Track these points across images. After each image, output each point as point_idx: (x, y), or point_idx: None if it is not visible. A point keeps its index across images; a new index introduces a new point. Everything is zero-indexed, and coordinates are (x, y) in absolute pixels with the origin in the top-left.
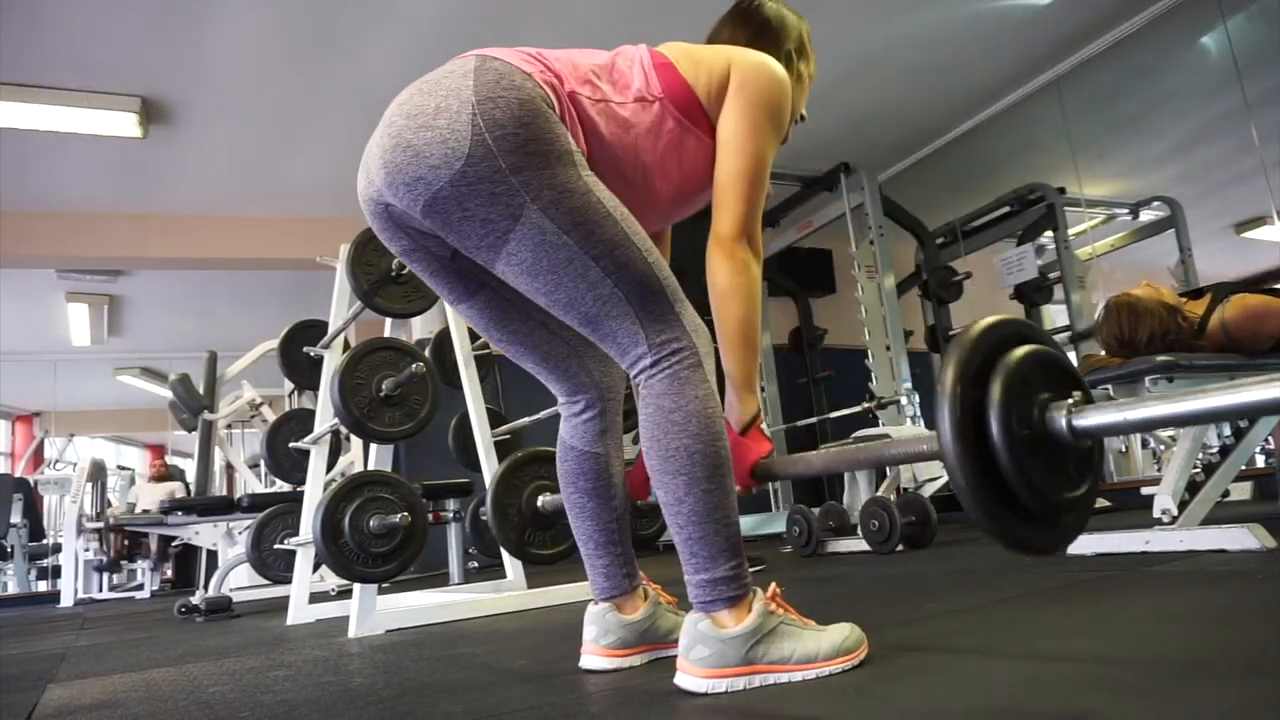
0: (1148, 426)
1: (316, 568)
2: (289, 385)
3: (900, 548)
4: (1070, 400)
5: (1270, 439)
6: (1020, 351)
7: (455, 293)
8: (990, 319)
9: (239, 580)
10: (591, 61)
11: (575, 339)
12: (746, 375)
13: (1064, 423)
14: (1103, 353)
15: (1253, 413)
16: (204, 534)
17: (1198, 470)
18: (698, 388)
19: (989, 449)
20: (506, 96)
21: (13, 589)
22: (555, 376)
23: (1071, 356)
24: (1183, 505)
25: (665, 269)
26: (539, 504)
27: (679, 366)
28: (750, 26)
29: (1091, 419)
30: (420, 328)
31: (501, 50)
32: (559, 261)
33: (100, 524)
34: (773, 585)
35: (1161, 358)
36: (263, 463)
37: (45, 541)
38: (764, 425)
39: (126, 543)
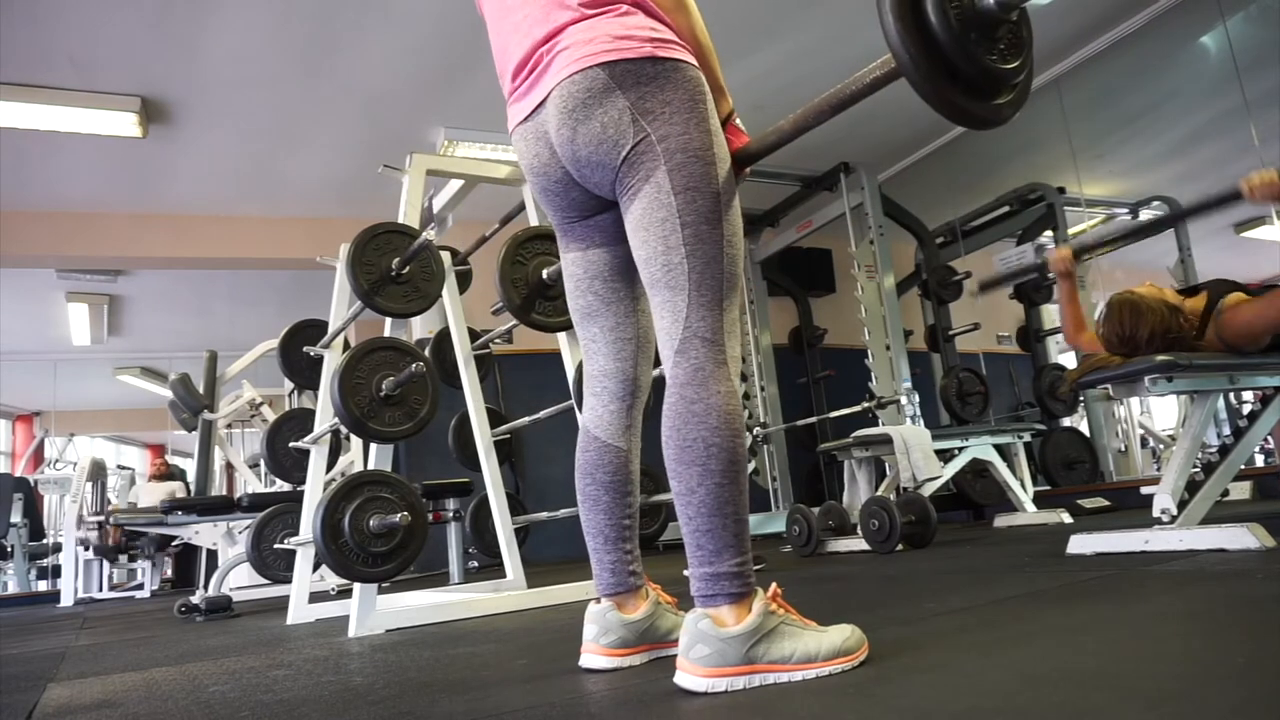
0: None
1: (316, 567)
2: (289, 385)
3: (900, 548)
4: None
5: (1270, 438)
6: None
7: (605, 235)
8: None
9: (239, 580)
10: None
11: (645, 333)
12: (713, 78)
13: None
14: (1103, 351)
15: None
16: (204, 534)
17: (1197, 470)
18: (721, 384)
19: (928, 30)
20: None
21: (13, 589)
22: (608, 351)
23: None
24: (1182, 505)
25: (737, 266)
26: (544, 274)
27: (705, 358)
28: None
29: None
30: (420, 328)
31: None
32: (659, 219)
33: (100, 516)
34: (773, 585)
35: (1161, 357)
36: (263, 462)
37: (45, 541)
38: (738, 120)
39: (125, 538)
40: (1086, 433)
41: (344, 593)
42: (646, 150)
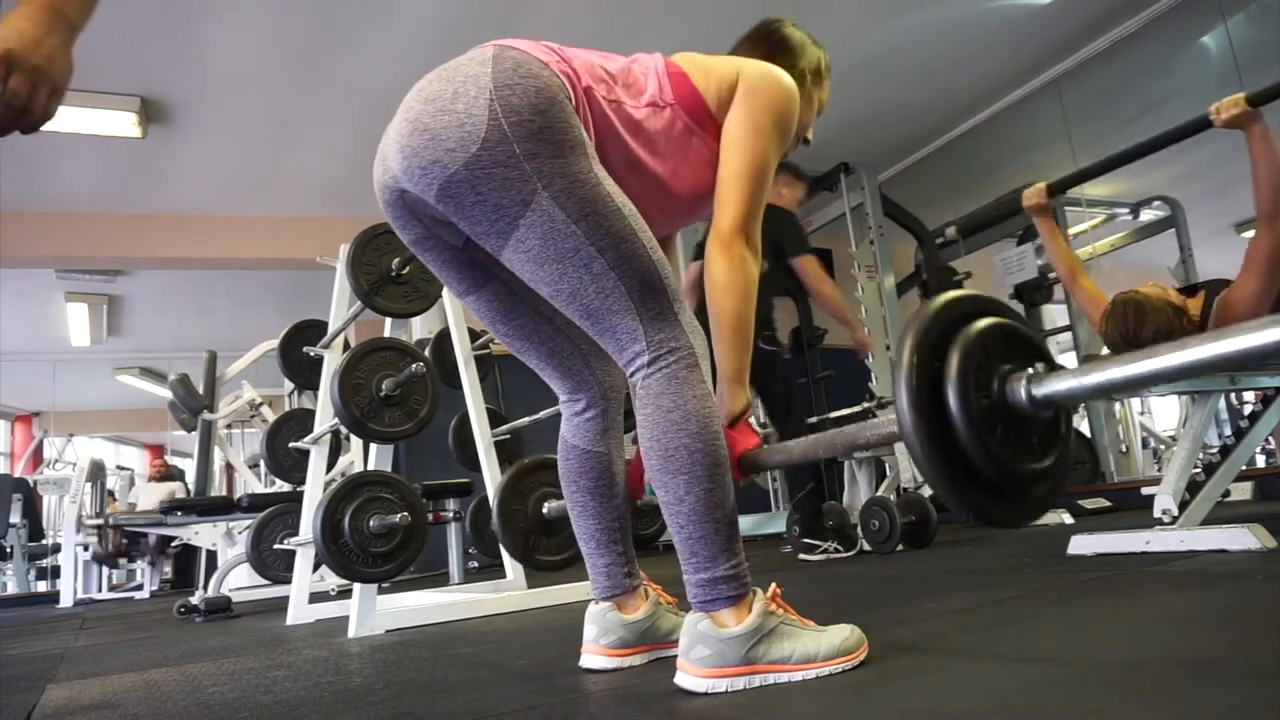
0: (1105, 391)
1: (316, 568)
2: (289, 385)
3: (900, 548)
4: (1029, 370)
5: (1271, 438)
6: (980, 324)
7: (465, 283)
8: (951, 293)
9: (238, 580)
10: (607, 64)
11: (580, 337)
12: (738, 369)
13: (1023, 392)
14: (1104, 351)
15: (1201, 370)
16: (204, 534)
17: (1198, 470)
18: (695, 388)
19: (947, 421)
20: (524, 84)
21: (12, 589)
22: (558, 374)
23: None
24: (1183, 505)
25: (667, 268)
26: (544, 510)
27: (676, 366)
28: (768, 43)
29: (1049, 386)
30: (420, 328)
31: (520, 41)
32: (565, 251)
33: (100, 520)
34: (773, 585)
35: None
36: (263, 463)
37: (44, 541)
38: (752, 419)
39: (125, 541)
40: (1087, 433)
41: (344, 593)
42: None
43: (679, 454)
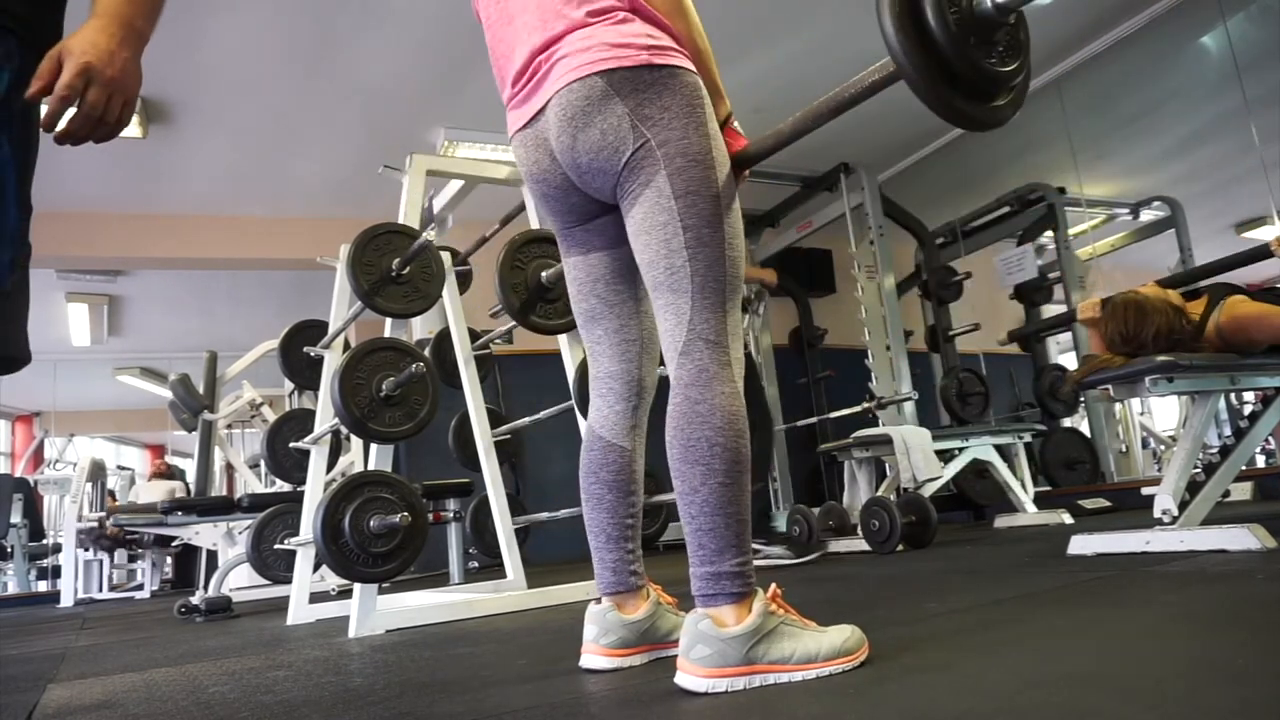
0: None
1: (316, 568)
2: (289, 385)
3: (900, 548)
4: None
5: (1271, 438)
6: None
7: (605, 239)
8: None
9: (239, 580)
10: None
11: (649, 334)
12: (711, 81)
13: (989, 2)
14: (1105, 351)
15: None
16: (204, 534)
17: (1198, 470)
18: (725, 385)
19: (927, 34)
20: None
21: (13, 589)
22: (614, 353)
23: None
24: (1183, 505)
25: (738, 269)
26: (543, 277)
27: (709, 359)
28: None
29: None
30: (420, 328)
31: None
32: (660, 222)
33: (102, 513)
34: (773, 585)
35: (1161, 357)
36: (263, 463)
37: (45, 541)
38: (736, 124)
39: (122, 529)
40: (1087, 433)
41: (344, 593)
42: (646, 156)
43: (700, 445)
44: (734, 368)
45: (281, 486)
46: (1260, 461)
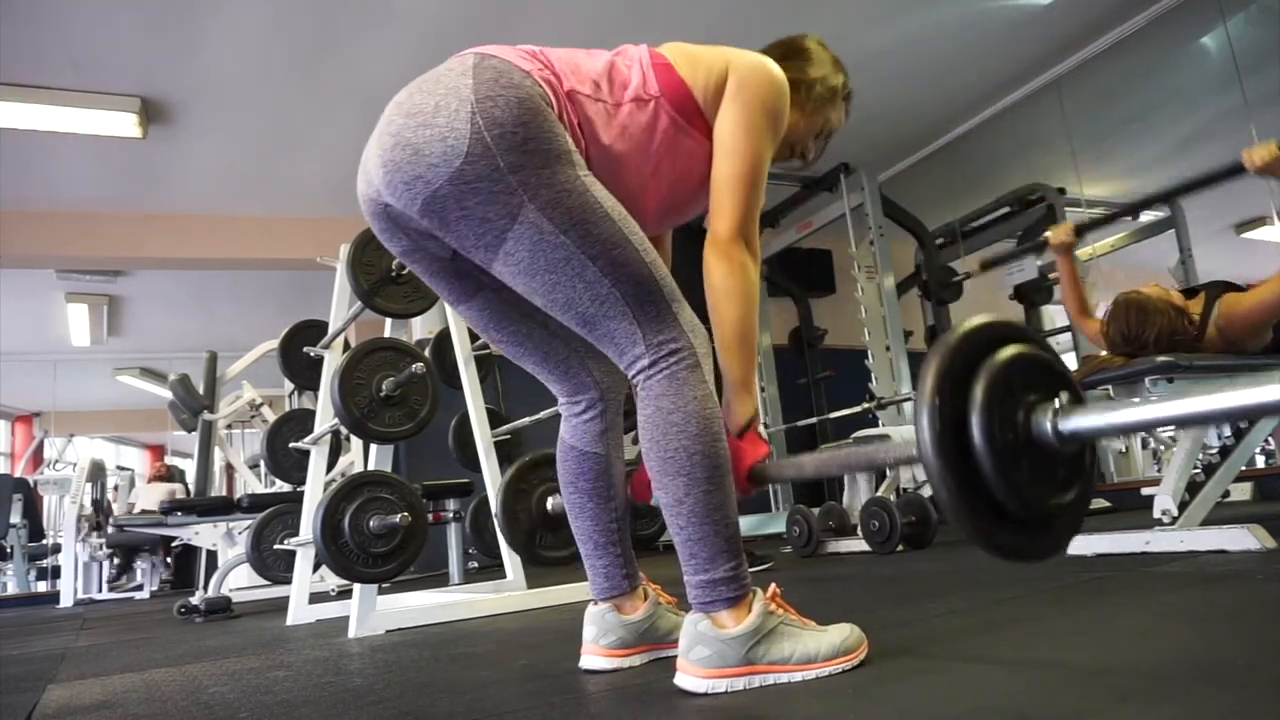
0: (1134, 429)
1: (316, 568)
2: (289, 385)
3: (900, 548)
4: (1055, 403)
5: (1271, 439)
6: (1005, 353)
7: (455, 294)
8: (976, 320)
9: (239, 580)
10: (591, 63)
11: (575, 339)
12: (744, 377)
13: (1049, 426)
14: (1105, 352)
15: (1236, 416)
16: (204, 534)
17: (1198, 471)
18: (696, 388)
19: (972, 457)
20: (505, 95)
21: (12, 589)
22: (556, 377)
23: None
24: (1183, 506)
25: (663, 269)
26: (548, 506)
27: (677, 367)
28: (785, 47)
29: (1076, 422)
30: (420, 328)
31: (500, 48)
32: (556, 261)
33: (100, 516)
34: (772, 585)
35: (1162, 358)
36: (263, 463)
37: (45, 542)
38: (761, 428)
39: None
40: None
41: (344, 593)
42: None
43: (678, 455)
44: (704, 364)
45: (281, 487)
46: (1260, 461)
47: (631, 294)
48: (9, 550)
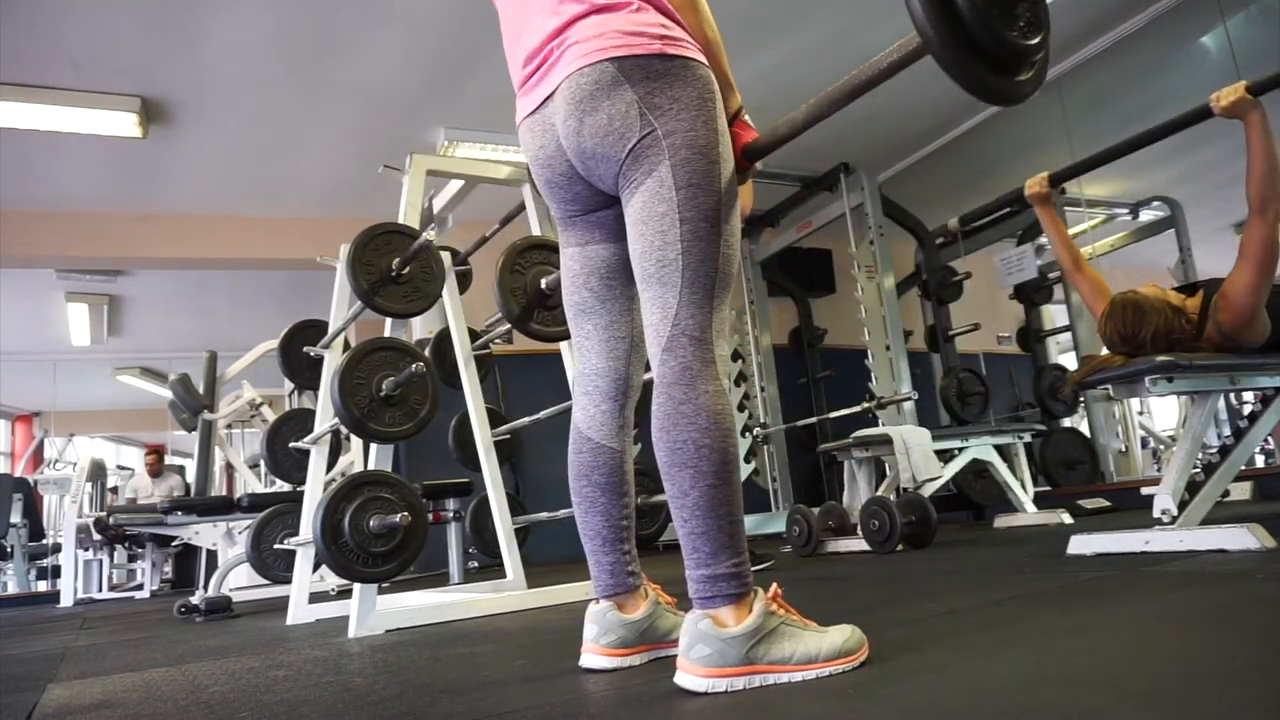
0: None
1: (316, 568)
2: (289, 385)
3: (900, 548)
4: None
5: (1270, 438)
6: None
7: (606, 232)
8: None
9: (238, 580)
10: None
11: (639, 333)
12: (722, 74)
13: None
14: (1104, 351)
15: None
16: (204, 534)
17: (1198, 470)
18: (709, 383)
19: (952, 3)
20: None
21: (12, 589)
22: (602, 350)
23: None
24: (1182, 505)
25: (731, 266)
26: (542, 284)
27: (692, 356)
28: None
29: None
30: (420, 328)
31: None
32: (659, 212)
33: (101, 511)
34: (773, 585)
35: (1161, 358)
36: (263, 463)
37: (45, 541)
38: (747, 116)
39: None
40: (1087, 433)
41: (344, 593)
42: (652, 145)
43: (686, 447)
44: (718, 365)
45: (281, 486)
46: (1260, 461)
47: (689, 268)
48: (9, 550)
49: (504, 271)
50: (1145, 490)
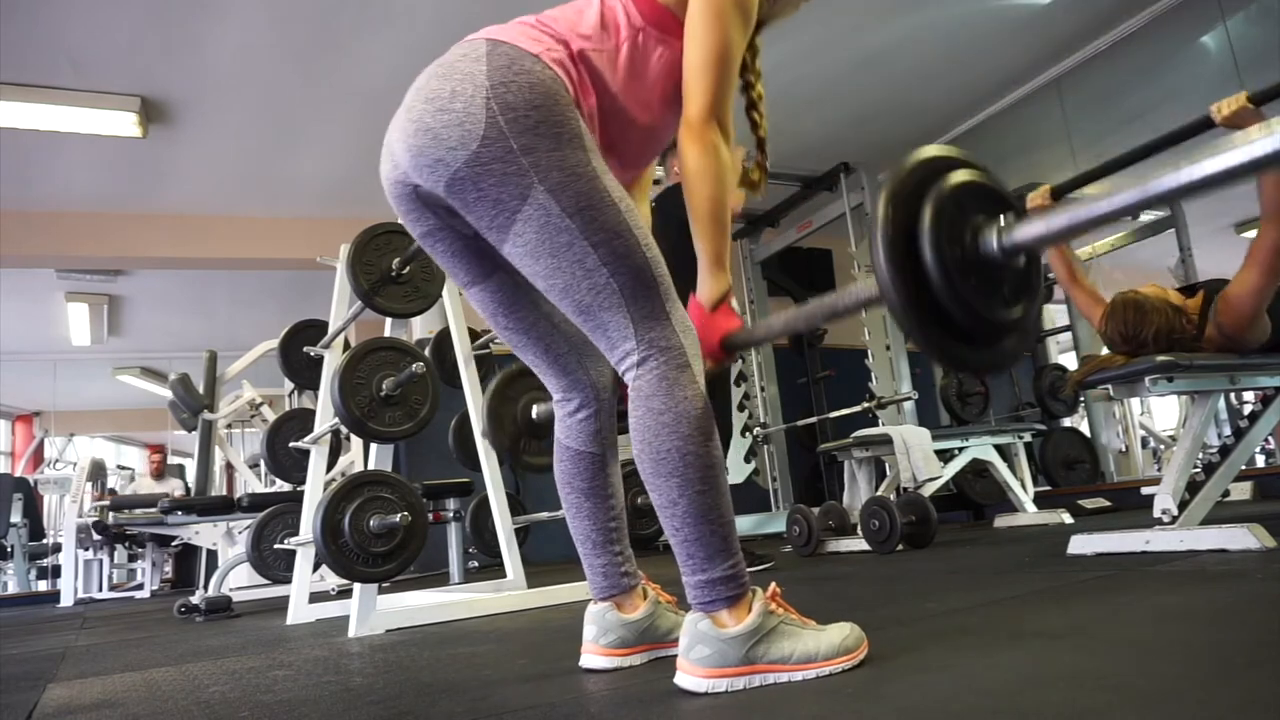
0: (1072, 232)
1: (316, 567)
2: (289, 385)
3: (900, 548)
4: (1000, 221)
5: (1271, 438)
6: (954, 177)
7: (472, 273)
8: (926, 149)
9: (239, 580)
10: (587, 14)
11: (576, 336)
12: (716, 253)
13: (994, 242)
14: (1105, 351)
15: (1172, 196)
16: (204, 534)
17: (1198, 470)
18: (686, 388)
19: (922, 271)
20: (518, 80)
21: (13, 589)
22: (553, 371)
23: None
24: (1183, 505)
25: (661, 266)
26: (533, 414)
27: (667, 366)
28: None
29: (1017, 234)
30: (420, 328)
31: (507, 29)
32: (560, 245)
33: (104, 502)
34: (772, 585)
35: (1162, 357)
36: (263, 463)
37: (45, 541)
38: (734, 302)
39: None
40: (1087, 433)
41: (344, 593)
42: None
43: (671, 457)
44: (694, 365)
45: (281, 486)
46: (1260, 461)
47: (628, 286)
48: (9, 549)
49: (494, 398)
50: (1145, 490)
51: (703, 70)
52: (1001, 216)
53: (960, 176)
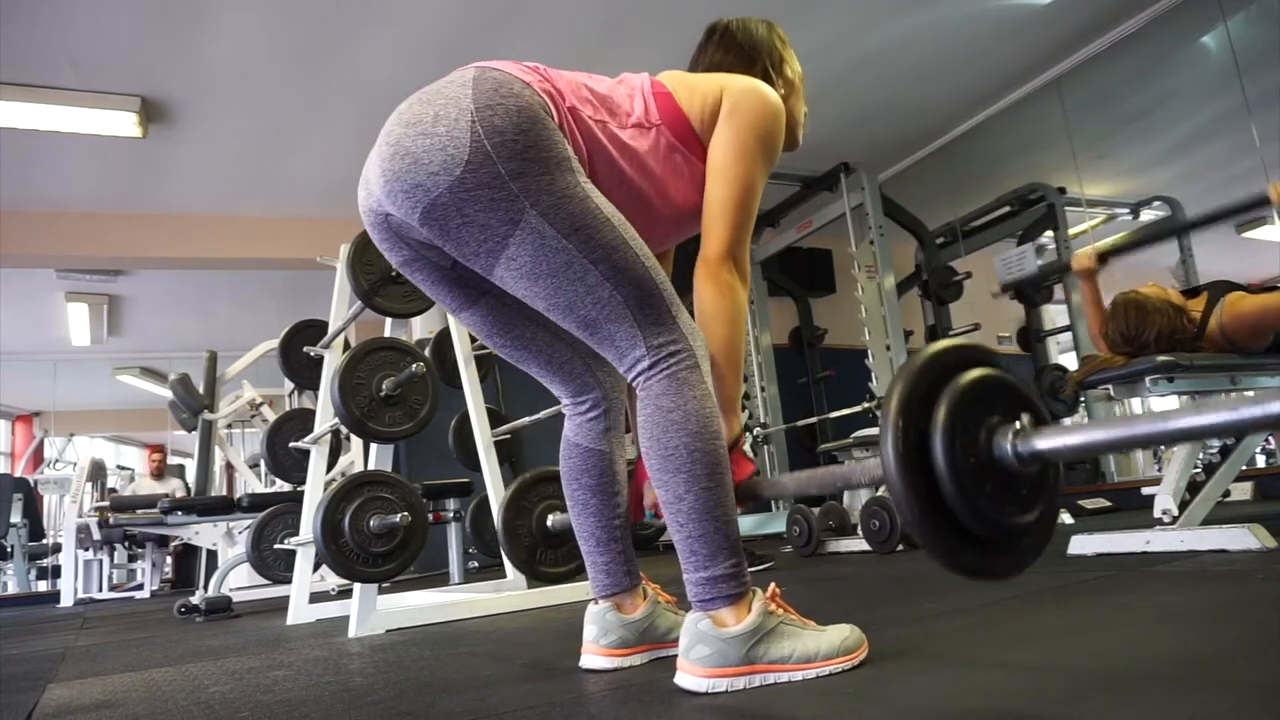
0: (1092, 450)
1: (316, 568)
2: (289, 385)
3: (900, 548)
4: (1016, 425)
5: (1271, 439)
6: (968, 376)
7: (456, 301)
8: (940, 344)
9: (239, 580)
10: (593, 85)
11: (578, 341)
12: (729, 397)
13: (1010, 448)
14: (1105, 352)
15: (1191, 437)
16: (204, 534)
17: (1198, 470)
18: (695, 388)
19: (935, 478)
20: (505, 104)
21: (13, 589)
22: (560, 379)
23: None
24: (1183, 505)
25: (662, 274)
26: (549, 523)
27: (677, 368)
28: (733, 50)
29: (1035, 444)
30: (420, 328)
31: (502, 62)
32: (558, 265)
33: (104, 502)
34: (772, 585)
35: (1162, 358)
36: (263, 463)
37: (45, 541)
38: (747, 447)
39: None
40: None
41: (344, 593)
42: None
43: (679, 453)
44: (703, 366)
45: (281, 486)
46: (1260, 461)
47: (633, 297)
48: (9, 550)
49: (508, 511)
50: (1146, 490)
51: (724, 210)
52: (1017, 421)
53: (975, 374)
